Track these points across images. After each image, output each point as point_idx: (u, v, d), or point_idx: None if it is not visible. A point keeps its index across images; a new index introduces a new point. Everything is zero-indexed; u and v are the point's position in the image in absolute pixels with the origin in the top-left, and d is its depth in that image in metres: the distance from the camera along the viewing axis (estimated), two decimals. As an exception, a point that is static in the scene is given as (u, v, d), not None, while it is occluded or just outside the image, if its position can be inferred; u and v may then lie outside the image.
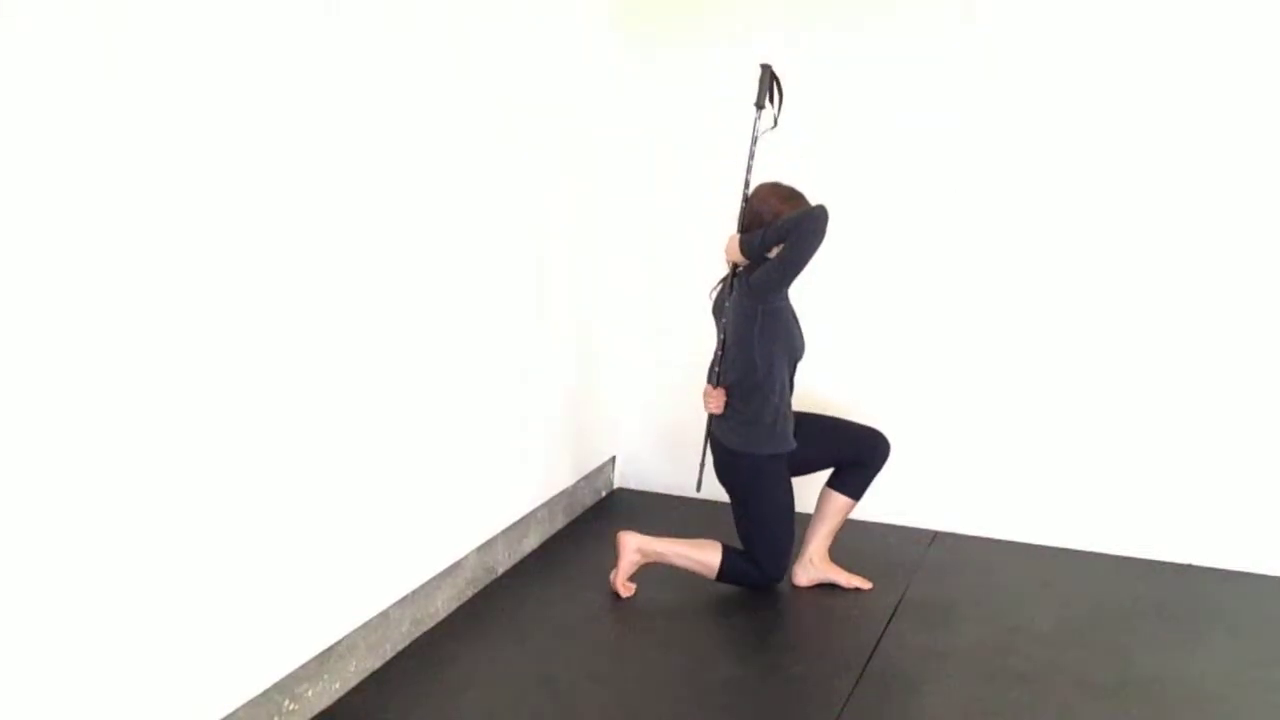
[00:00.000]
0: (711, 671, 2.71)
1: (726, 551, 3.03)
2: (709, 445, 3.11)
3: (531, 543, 3.46)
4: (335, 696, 2.57)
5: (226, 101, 2.10)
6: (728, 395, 2.98)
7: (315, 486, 2.44)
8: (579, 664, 2.78)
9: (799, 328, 2.99)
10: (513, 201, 3.17)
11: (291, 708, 2.42)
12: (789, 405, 2.98)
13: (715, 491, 3.60)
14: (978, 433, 3.49)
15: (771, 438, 2.95)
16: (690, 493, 3.85)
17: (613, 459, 4.02)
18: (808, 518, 3.15)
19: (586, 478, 3.81)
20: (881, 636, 2.86)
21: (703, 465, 3.13)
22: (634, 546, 3.07)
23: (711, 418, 3.05)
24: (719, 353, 3.01)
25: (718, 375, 3.01)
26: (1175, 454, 3.27)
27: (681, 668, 2.73)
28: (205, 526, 2.14)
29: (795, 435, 3.00)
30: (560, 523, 3.64)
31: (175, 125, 1.99)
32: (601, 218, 3.76)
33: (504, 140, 3.08)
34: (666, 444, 3.93)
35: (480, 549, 3.15)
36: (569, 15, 3.43)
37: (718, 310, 3.04)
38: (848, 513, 3.11)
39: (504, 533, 3.28)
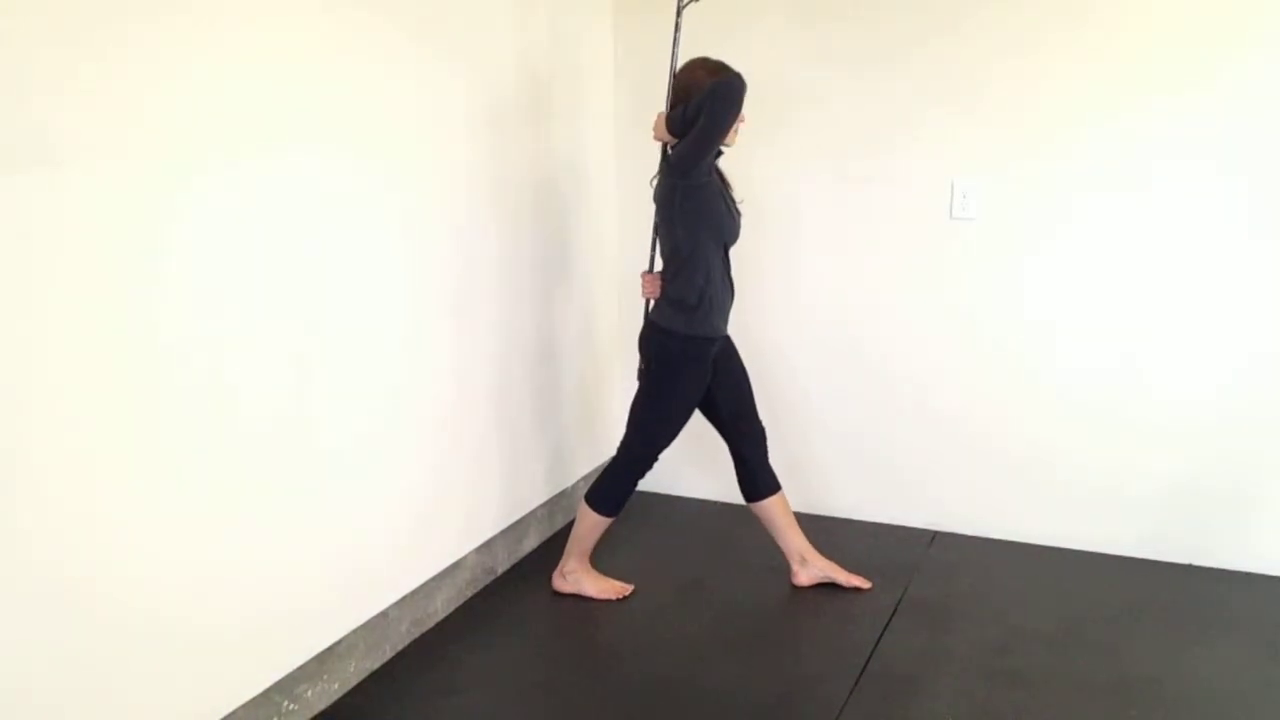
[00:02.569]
0: (711, 671, 2.71)
1: (587, 497, 3.03)
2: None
3: (531, 543, 3.46)
4: (335, 697, 2.57)
5: (218, 94, 2.10)
6: (661, 278, 2.92)
7: (314, 486, 2.44)
8: (579, 664, 2.78)
9: (732, 212, 2.89)
10: (513, 200, 3.17)
11: (291, 708, 2.42)
12: (720, 292, 2.89)
13: (715, 491, 3.61)
14: (977, 433, 3.49)
15: (693, 319, 2.86)
16: (688, 493, 3.87)
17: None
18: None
19: (586, 478, 3.81)
20: (881, 636, 2.86)
21: (639, 348, 3.05)
22: (560, 579, 3.09)
23: (647, 302, 3.00)
24: (653, 238, 2.96)
25: (652, 260, 2.96)
26: (1176, 454, 3.27)
27: (681, 667, 2.73)
28: (204, 526, 2.14)
29: (724, 372, 2.97)
30: (560, 523, 3.64)
31: (160, 114, 1.99)
32: (605, 217, 3.76)
33: (501, 138, 3.08)
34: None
35: (479, 549, 3.15)
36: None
37: (655, 195, 2.97)
38: (785, 504, 3.10)
39: (503, 533, 3.28)
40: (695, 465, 3.68)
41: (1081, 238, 3.25)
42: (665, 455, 3.90)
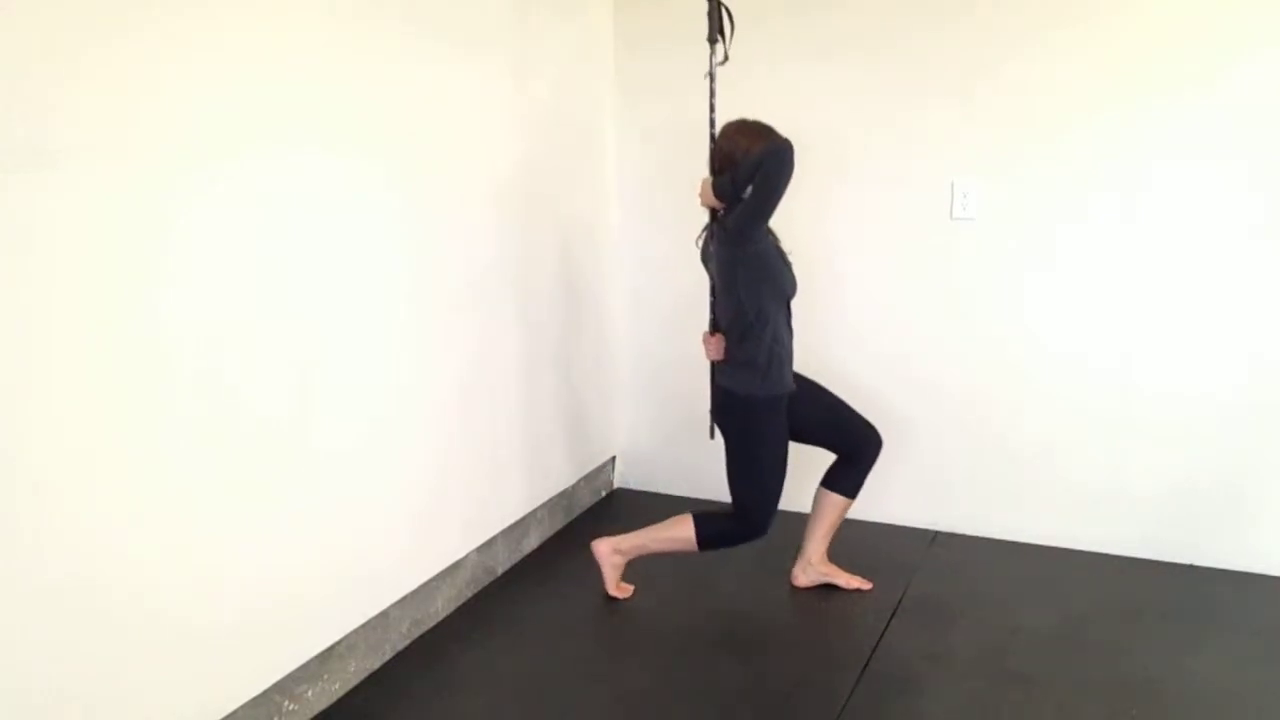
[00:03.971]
0: (711, 671, 2.71)
1: (698, 518, 2.98)
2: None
3: (531, 543, 3.46)
4: (335, 697, 2.57)
5: (220, 93, 2.10)
6: (725, 340, 2.92)
7: (315, 485, 2.44)
8: (579, 664, 2.78)
9: (788, 266, 2.90)
10: (515, 201, 3.17)
11: (291, 708, 2.42)
12: (785, 348, 2.90)
13: (717, 491, 3.59)
14: (978, 433, 3.49)
15: (766, 379, 2.86)
16: (690, 493, 3.87)
17: (613, 459, 4.02)
18: (802, 517, 3.14)
19: (586, 478, 3.81)
20: (881, 636, 2.86)
21: (712, 413, 3.05)
22: (607, 553, 3.06)
23: (713, 364, 3.00)
24: (711, 300, 2.96)
25: (714, 323, 2.97)
26: (1176, 454, 3.27)
27: (681, 668, 2.73)
28: (204, 526, 2.14)
29: (804, 401, 2.95)
30: (560, 523, 3.64)
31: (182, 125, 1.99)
32: (604, 218, 3.76)
33: (505, 137, 3.09)
34: (667, 444, 3.93)
35: (480, 549, 3.15)
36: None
37: (705, 257, 2.98)
38: (844, 512, 3.10)
39: (504, 533, 3.28)
40: (696, 465, 3.68)
41: (1081, 237, 3.25)
42: (666, 454, 3.92)
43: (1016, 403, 3.42)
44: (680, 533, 2.98)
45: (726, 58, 2.90)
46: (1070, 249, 3.27)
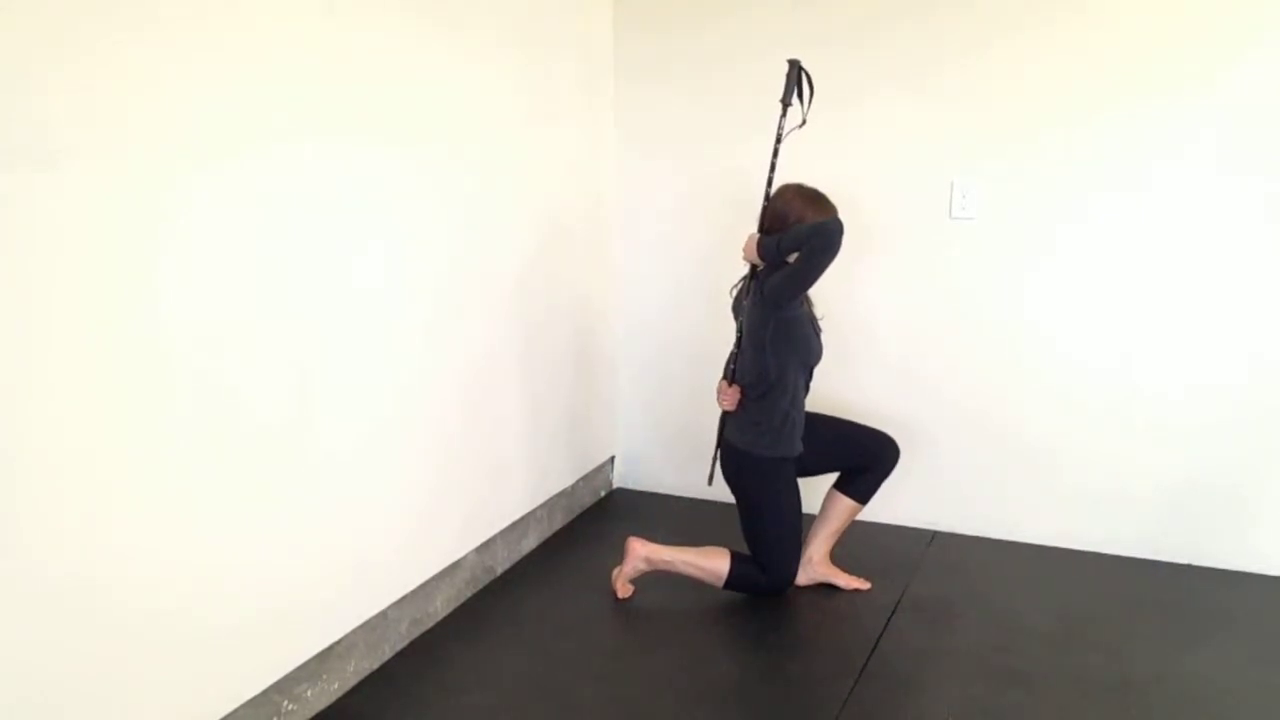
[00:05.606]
0: (711, 671, 2.71)
1: (735, 558, 3.01)
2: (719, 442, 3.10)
3: (531, 543, 3.46)
4: (334, 697, 2.57)
5: (221, 91, 2.10)
6: (741, 394, 2.97)
7: (314, 485, 2.44)
8: (579, 664, 2.77)
9: (816, 333, 2.95)
10: (515, 201, 3.17)
11: (290, 708, 2.42)
12: (800, 410, 2.95)
13: (715, 492, 3.60)
14: (977, 433, 3.49)
15: (778, 441, 2.92)
16: (689, 493, 3.87)
17: (612, 459, 4.02)
18: (813, 519, 3.14)
19: (585, 478, 3.81)
20: (881, 636, 2.86)
21: (714, 460, 3.10)
22: (642, 555, 3.05)
23: (724, 414, 3.04)
24: (734, 351, 3.00)
25: (733, 373, 3.00)
26: (1176, 454, 3.27)
27: (681, 668, 2.73)
28: (204, 526, 2.14)
29: (805, 437, 2.97)
30: (559, 523, 3.64)
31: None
32: (605, 219, 3.76)
33: (505, 135, 3.09)
34: (666, 444, 3.93)
35: (479, 549, 3.15)
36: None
37: (737, 308, 3.01)
38: (853, 516, 3.10)
39: (503, 533, 3.28)
40: (694, 465, 3.68)
41: (1082, 237, 3.25)
42: (665, 454, 3.92)
43: (1016, 402, 3.42)
44: (714, 565, 3.01)
45: (804, 122, 2.91)
46: (1070, 248, 3.27)
